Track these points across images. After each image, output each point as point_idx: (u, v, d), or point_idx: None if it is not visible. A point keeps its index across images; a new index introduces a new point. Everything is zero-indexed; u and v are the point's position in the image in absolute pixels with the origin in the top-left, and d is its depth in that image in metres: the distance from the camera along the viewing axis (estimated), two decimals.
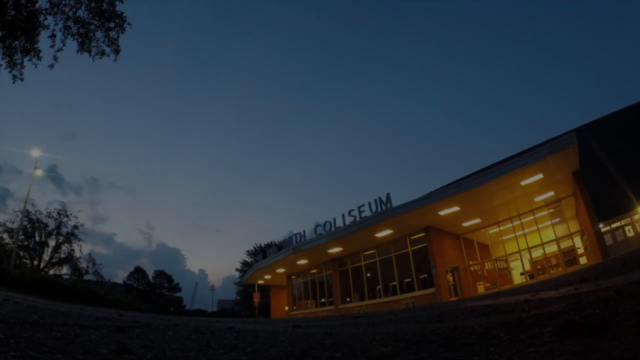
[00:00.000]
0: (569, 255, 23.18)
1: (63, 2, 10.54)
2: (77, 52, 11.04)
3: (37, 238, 43.48)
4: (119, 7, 11.12)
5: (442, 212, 22.74)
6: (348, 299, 31.15)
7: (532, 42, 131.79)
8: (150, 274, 74.13)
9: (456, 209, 22.34)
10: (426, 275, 25.15)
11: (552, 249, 23.58)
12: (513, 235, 25.98)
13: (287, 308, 41.09)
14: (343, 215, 27.29)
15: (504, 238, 26.97)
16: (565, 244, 23.60)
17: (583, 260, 22.23)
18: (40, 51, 10.57)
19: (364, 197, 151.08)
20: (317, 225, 29.56)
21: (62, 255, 44.24)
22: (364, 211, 25.61)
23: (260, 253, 47.11)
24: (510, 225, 26.04)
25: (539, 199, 22.90)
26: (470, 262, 27.56)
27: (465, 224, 25.95)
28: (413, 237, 26.56)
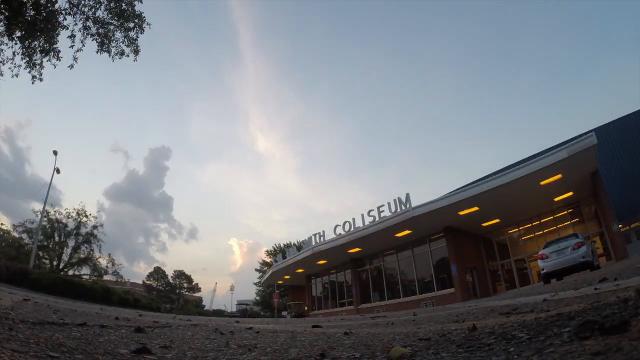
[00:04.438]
0: None
1: (82, 2, 10.58)
2: (97, 52, 11.09)
3: (57, 238, 43.72)
4: (138, 7, 11.22)
5: (461, 213, 22.60)
6: (367, 299, 31.14)
7: (552, 42, 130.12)
8: (170, 273, 74.58)
9: (475, 209, 22.18)
10: (445, 275, 25.04)
11: None
12: (532, 235, 25.71)
13: (306, 308, 41.19)
14: (362, 216, 27.29)
15: (523, 238, 26.71)
16: None
17: (602, 261, 21.89)
18: (59, 51, 10.64)
19: (384, 197, 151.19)
20: (336, 226, 29.59)
21: (82, 256, 44.47)
22: (383, 211, 25.56)
23: (280, 253, 47.21)
24: (530, 225, 25.77)
25: (558, 199, 22.60)
26: (490, 262, 27.34)
27: (484, 224, 25.73)
28: (432, 237, 26.46)
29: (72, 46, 10.49)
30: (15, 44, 10.27)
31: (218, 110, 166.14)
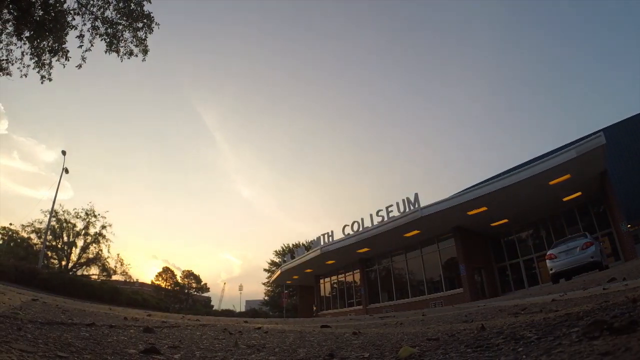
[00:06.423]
0: None
1: (91, 2, 10.59)
2: (105, 52, 11.10)
3: (65, 238, 43.68)
4: (147, 7, 11.25)
5: (470, 213, 22.52)
6: (376, 299, 31.08)
7: (557, 40, 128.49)
8: (179, 273, 74.65)
9: (484, 209, 22.10)
10: (454, 276, 24.95)
11: None
12: (541, 235, 25.56)
13: (315, 308, 41.17)
14: (371, 216, 27.21)
15: (532, 238, 26.56)
16: None
17: (611, 261, 21.73)
18: (68, 51, 10.65)
19: (392, 197, 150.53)
20: (345, 226, 29.56)
21: (90, 256, 44.35)
22: (392, 211, 25.49)
23: (289, 253, 47.13)
24: (539, 225, 25.63)
25: (566, 199, 22.47)
26: (498, 262, 27.22)
27: (493, 224, 25.63)
28: (441, 237, 26.39)
29: (80, 46, 10.54)
30: (24, 44, 10.33)
31: (204, 169, 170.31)
